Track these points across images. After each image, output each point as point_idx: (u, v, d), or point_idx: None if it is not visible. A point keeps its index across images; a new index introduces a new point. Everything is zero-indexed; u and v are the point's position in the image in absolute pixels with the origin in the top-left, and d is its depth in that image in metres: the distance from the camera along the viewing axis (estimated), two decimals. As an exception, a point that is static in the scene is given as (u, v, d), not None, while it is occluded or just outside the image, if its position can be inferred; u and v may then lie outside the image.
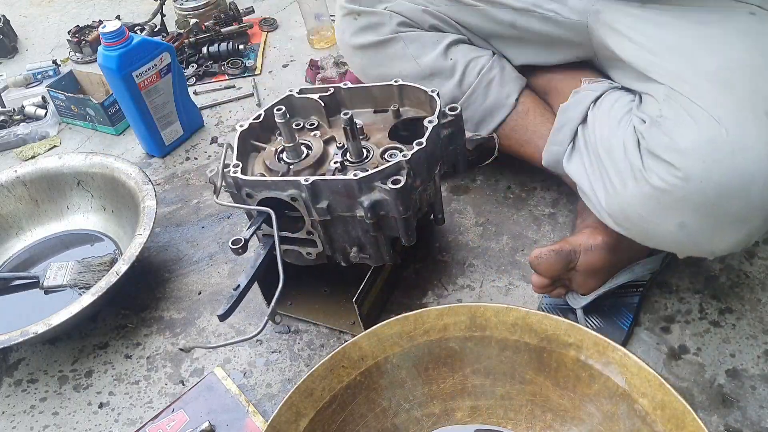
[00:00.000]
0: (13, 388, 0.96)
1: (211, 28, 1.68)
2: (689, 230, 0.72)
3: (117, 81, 1.23)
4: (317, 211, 0.82)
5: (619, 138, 0.79)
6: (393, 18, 1.04)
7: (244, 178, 0.83)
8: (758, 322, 0.88)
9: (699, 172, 0.68)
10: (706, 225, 0.71)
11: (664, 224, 0.73)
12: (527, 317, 0.72)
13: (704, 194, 0.69)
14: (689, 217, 0.71)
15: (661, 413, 0.64)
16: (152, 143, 1.35)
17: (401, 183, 0.78)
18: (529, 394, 0.74)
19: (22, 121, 1.53)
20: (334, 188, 0.80)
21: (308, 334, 0.96)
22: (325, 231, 0.85)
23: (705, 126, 0.70)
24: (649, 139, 0.74)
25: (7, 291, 1.10)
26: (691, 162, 0.69)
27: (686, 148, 0.69)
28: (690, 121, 0.71)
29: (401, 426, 0.76)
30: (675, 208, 0.71)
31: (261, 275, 0.94)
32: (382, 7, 1.04)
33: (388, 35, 1.04)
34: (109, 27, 1.18)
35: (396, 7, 1.04)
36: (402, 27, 1.04)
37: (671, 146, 0.71)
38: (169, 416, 0.87)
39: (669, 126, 0.73)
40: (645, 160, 0.74)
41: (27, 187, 1.18)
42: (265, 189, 0.83)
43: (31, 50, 1.93)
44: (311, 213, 0.82)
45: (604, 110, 0.85)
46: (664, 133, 0.72)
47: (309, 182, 0.80)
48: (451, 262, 1.03)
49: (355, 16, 1.06)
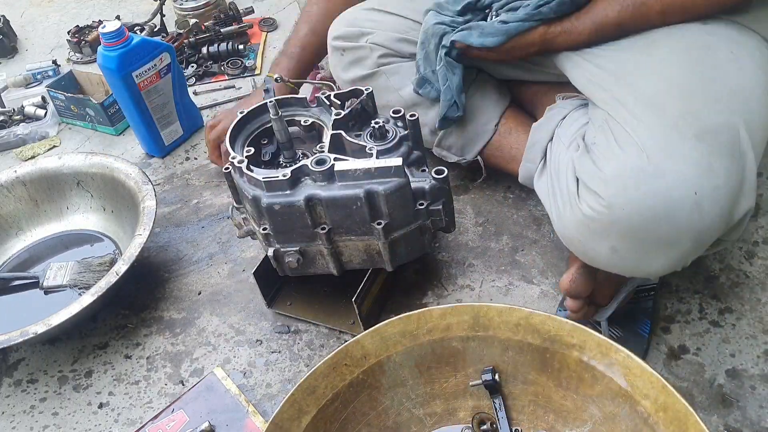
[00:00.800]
0: (12, 388, 0.96)
1: (210, 28, 1.68)
2: (621, 254, 0.73)
3: (117, 81, 1.23)
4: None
5: (565, 162, 0.80)
6: (374, 51, 1.06)
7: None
8: (758, 322, 0.88)
9: (621, 200, 0.69)
10: (635, 249, 0.72)
11: (598, 248, 0.74)
12: (530, 317, 0.72)
13: (628, 221, 0.70)
14: (618, 242, 0.72)
15: (664, 415, 0.64)
16: (152, 143, 1.35)
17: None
18: (531, 394, 0.74)
19: (21, 121, 1.53)
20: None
21: (308, 334, 0.96)
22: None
23: (629, 153, 0.71)
24: (579, 167, 0.76)
25: (6, 291, 1.10)
26: (613, 190, 0.70)
27: (609, 177, 0.71)
28: (616, 149, 0.73)
29: (403, 425, 0.76)
30: (604, 234, 0.73)
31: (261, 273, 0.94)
32: (364, 40, 1.07)
33: (371, 69, 1.07)
34: (109, 27, 1.18)
35: (375, 38, 1.06)
36: (383, 59, 1.06)
37: (597, 175, 0.72)
38: (169, 416, 0.87)
39: (597, 153, 0.74)
40: (579, 188, 0.76)
41: (27, 188, 1.18)
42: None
43: (31, 50, 1.93)
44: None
45: (562, 130, 0.87)
46: (593, 161, 0.74)
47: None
48: (451, 262, 1.03)
49: (342, 52, 1.09)
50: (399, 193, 0.81)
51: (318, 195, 0.81)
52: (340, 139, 0.87)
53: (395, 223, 0.84)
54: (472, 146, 1.05)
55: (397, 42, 1.06)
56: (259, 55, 1.67)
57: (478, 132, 1.04)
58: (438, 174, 0.84)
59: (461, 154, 1.07)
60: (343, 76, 1.11)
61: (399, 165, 0.79)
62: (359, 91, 0.92)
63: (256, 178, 0.82)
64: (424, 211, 0.85)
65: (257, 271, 0.93)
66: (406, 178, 0.81)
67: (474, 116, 1.03)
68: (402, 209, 0.83)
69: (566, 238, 0.80)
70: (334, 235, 0.85)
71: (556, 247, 1.02)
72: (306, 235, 0.85)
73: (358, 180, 0.80)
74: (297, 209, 0.82)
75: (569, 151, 0.81)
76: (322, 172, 0.81)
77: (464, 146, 1.06)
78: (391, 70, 1.06)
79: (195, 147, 1.39)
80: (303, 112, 0.94)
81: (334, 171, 0.81)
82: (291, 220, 0.83)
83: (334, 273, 0.90)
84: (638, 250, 0.72)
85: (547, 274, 0.99)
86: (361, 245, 0.86)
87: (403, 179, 0.80)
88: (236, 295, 1.04)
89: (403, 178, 0.80)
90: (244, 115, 0.93)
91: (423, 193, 0.85)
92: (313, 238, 0.85)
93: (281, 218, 0.83)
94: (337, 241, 0.86)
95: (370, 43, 1.06)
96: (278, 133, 0.90)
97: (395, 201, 0.81)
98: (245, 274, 1.07)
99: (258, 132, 0.93)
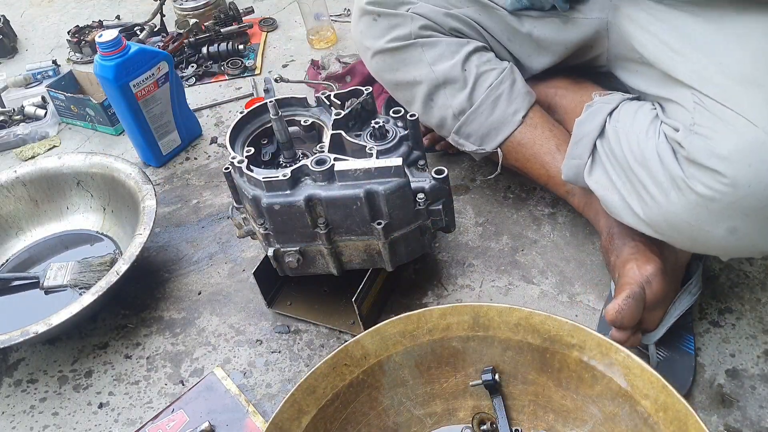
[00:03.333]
0: (12, 388, 0.96)
1: (210, 28, 1.68)
2: (740, 234, 0.71)
3: (114, 91, 1.21)
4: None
5: (651, 148, 0.77)
6: (415, 21, 1.00)
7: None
8: (758, 322, 0.88)
9: (746, 177, 0.67)
10: (757, 227, 0.70)
11: (714, 230, 0.71)
12: (530, 317, 0.72)
13: (755, 198, 0.67)
14: (740, 221, 0.70)
15: (664, 415, 0.64)
16: (149, 153, 1.33)
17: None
18: (531, 394, 0.74)
19: (21, 121, 1.53)
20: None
21: (308, 334, 0.96)
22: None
23: (743, 130, 0.68)
24: (688, 147, 0.72)
25: (7, 291, 1.10)
26: (737, 167, 0.67)
27: (729, 154, 0.68)
28: (726, 127, 0.69)
29: (403, 425, 0.76)
30: (725, 214, 0.70)
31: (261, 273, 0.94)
32: (404, 9, 1.00)
33: (406, 40, 1.00)
34: (106, 36, 1.17)
35: (418, 8, 1.00)
36: (423, 30, 1.00)
37: (713, 153, 0.69)
38: (169, 416, 0.87)
39: (706, 133, 0.71)
40: (686, 169, 0.72)
41: (26, 188, 1.18)
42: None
43: (31, 50, 1.93)
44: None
45: (626, 122, 0.84)
46: (703, 140, 0.71)
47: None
48: (451, 262, 1.03)
49: (375, 17, 1.01)
50: (399, 193, 0.81)
51: (318, 195, 0.81)
52: (340, 139, 0.87)
53: (395, 223, 0.84)
54: (495, 135, 1.00)
55: (442, 16, 1.00)
56: (259, 55, 1.67)
57: (505, 120, 0.99)
58: (438, 174, 0.84)
59: (481, 144, 1.01)
60: (369, 44, 1.03)
61: (399, 165, 0.79)
62: (359, 91, 0.92)
63: (256, 178, 0.82)
64: (424, 210, 0.85)
65: (257, 271, 0.93)
66: (406, 178, 0.81)
67: (502, 103, 0.99)
68: (402, 209, 0.83)
69: (670, 225, 0.75)
70: (334, 235, 0.85)
71: (556, 247, 1.02)
72: (306, 235, 0.85)
73: (358, 180, 0.80)
74: (297, 209, 0.82)
75: (650, 138, 0.78)
76: (322, 172, 0.81)
77: (486, 135, 1.00)
78: (429, 43, 1.00)
79: (195, 147, 1.39)
80: (303, 112, 0.94)
81: (333, 171, 0.81)
82: (291, 220, 0.83)
83: (334, 273, 0.89)
84: (760, 228, 0.70)
85: (547, 274, 0.99)
86: (361, 245, 0.86)
87: (403, 179, 0.80)
88: (236, 295, 1.04)
89: (403, 178, 0.80)
90: (244, 115, 0.93)
91: (423, 193, 0.84)
92: (313, 238, 0.85)
93: (281, 218, 0.83)
94: (337, 241, 0.86)
95: (411, 12, 0.99)
96: (278, 133, 0.90)
97: (395, 201, 0.81)
98: (245, 274, 1.07)
99: (258, 132, 0.94)
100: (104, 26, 1.85)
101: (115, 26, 1.86)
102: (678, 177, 0.73)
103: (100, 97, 1.45)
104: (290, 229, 0.85)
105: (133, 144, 1.36)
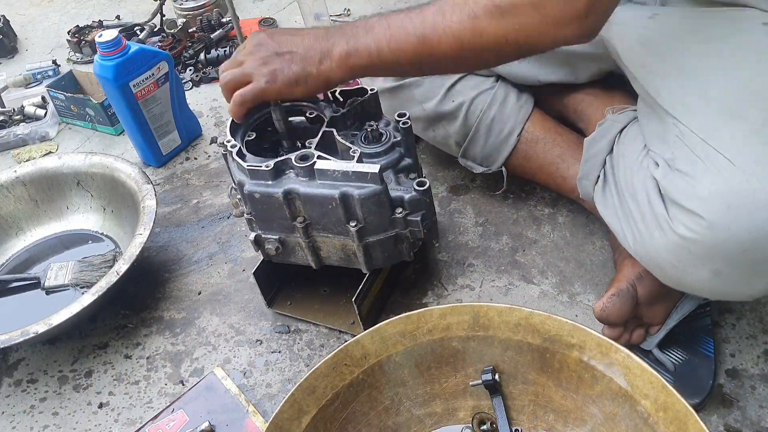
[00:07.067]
0: (12, 388, 0.96)
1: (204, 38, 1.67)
2: (725, 277, 0.67)
3: (114, 91, 1.21)
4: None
5: (641, 181, 0.74)
6: None
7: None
8: (758, 322, 0.88)
9: (725, 221, 0.63)
10: (742, 271, 0.66)
11: (698, 273, 0.68)
12: (530, 317, 0.72)
13: (736, 242, 0.63)
14: (723, 265, 0.66)
15: (664, 415, 0.64)
16: (149, 153, 1.33)
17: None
18: (531, 394, 0.74)
19: (21, 121, 1.52)
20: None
21: (308, 334, 0.96)
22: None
23: (721, 170, 0.64)
24: (667, 186, 0.69)
25: (7, 292, 1.10)
26: (715, 210, 0.63)
27: (707, 195, 0.64)
28: (704, 165, 0.66)
29: (403, 425, 0.76)
30: (708, 256, 0.66)
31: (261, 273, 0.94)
32: None
33: (396, 82, 1.04)
34: (106, 36, 1.17)
35: None
36: None
37: (691, 194, 0.66)
38: (169, 416, 0.87)
39: (686, 170, 0.67)
40: (669, 209, 0.69)
41: (26, 188, 1.18)
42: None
43: (31, 50, 1.93)
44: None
45: (625, 146, 0.82)
46: (683, 178, 0.67)
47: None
48: (451, 262, 1.03)
49: None
50: (374, 200, 0.80)
51: (297, 189, 0.81)
52: (332, 136, 0.87)
53: (370, 228, 0.83)
54: (496, 157, 1.04)
55: None
56: (259, 55, 1.66)
57: (500, 143, 1.02)
58: (419, 186, 0.82)
59: (486, 165, 1.06)
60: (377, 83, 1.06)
61: (375, 172, 0.78)
62: (364, 90, 0.92)
63: (242, 165, 0.83)
64: (401, 220, 0.83)
65: (257, 271, 0.94)
66: (383, 185, 0.80)
67: (496, 126, 1.01)
68: (377, 216, 0.82)
69: (655, 263, 0.72)
70: (312, 230, 0.85)
71: (556, 247, 1.02)
72: (285, 226, 0.85)
73: (336, 181, 0.80)
74: (276, 200, 0.82)
75: (642, 169, 0.75)
76: (304, 168, 0.81)
77: (488, 157, 1.04)
78: (416, 82, 1.04)
79: (194, 147, 1.39)
80: (311, 105, 0.94)
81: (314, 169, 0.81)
82: (270, 210, 0.84)
83: (313, 266, 0.89)
84: (745, 272, 0.66)
85: (547, 274, 0.99)
86: (338, 243, 0.86)
87: (379, 186, 0.79)
88: (236, 295, 1.04)
89: (379, 185, 0.79)
90: None
91: (402, 203, 0.83)
92: (292, 230, 0.85)
93: (261, 206, 0.84)
94: (315, 237, 0.86)
95: None
96: (277, 122, 0.89)
97: (370, 207, 0.80)
98: (245, 274, 1.07)
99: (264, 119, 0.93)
100: (104, 26, 1.85)
101: (115, 26, 1.86)
102: (661, 216, 0.70)
103: (100, 97, 1.45)
104: (270, 218, 0.85)
105: (133, 144, 1.36)
